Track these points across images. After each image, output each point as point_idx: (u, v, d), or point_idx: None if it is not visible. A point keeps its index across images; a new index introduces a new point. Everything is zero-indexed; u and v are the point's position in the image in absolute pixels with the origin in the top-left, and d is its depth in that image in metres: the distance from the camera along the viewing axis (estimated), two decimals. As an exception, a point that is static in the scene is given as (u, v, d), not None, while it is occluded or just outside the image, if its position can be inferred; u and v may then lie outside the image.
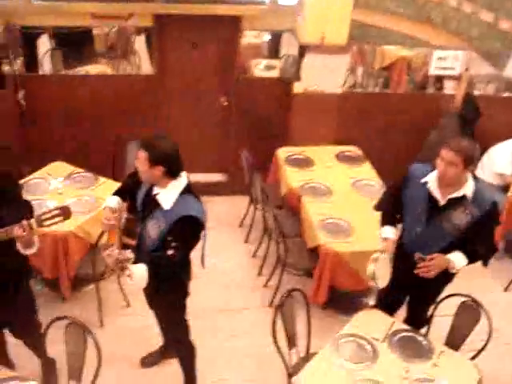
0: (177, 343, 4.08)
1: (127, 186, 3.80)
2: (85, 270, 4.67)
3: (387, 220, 3.92)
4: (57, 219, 3.34)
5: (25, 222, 3.26)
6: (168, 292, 3.67)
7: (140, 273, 3.27)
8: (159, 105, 6.00)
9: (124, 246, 3.52)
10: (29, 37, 5.65)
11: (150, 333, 4.34)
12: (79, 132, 5.90)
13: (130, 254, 3.26)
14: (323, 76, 5.81)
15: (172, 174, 3.43)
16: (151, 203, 3.53)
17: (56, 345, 3.68)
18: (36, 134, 5.84)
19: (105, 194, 4.82)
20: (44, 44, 5.74)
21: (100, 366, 3.40)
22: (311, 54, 5.71)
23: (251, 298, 5.20)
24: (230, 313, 5.02)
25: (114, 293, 4.92)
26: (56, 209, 3.35)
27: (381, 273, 3.74)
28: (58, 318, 3.54)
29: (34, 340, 3.92)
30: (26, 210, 3.46)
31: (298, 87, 5.87)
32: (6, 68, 5.49)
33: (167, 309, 3.86)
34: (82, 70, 5.86)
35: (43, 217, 3.31)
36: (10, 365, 3.93)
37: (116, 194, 3.81)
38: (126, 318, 4.81)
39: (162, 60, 5.86)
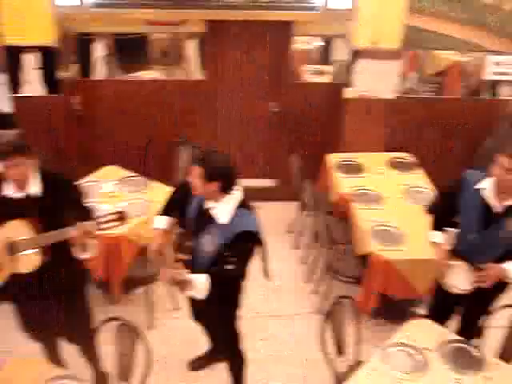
0: (228, 352, 4.06)
1: (176, 200, 3.78)
2: (135, 272, 4.73)
3: (437, 224, 3.85)
4: (113, 223, 3.41)
5: (81, 225, 3.32)
6: (221, 305, 3.63)
7: (201, 285, 3.27)
8: (210, 110, 6.05)
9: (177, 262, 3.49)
10: (85, 43, 5.77)
11: (198, 335, 4.36)
12: (132, 136, 6.00)
13: (192, 278, 3.25)
14: (375, 81, 5.75)
15: (227, 189, 3.39)
16: (205, 217, 3.48)
17: (107, 346, 3.75)
18: (90, 137, 5.97)
19: (156, 197, 4.89)
20: (99, 50, 5.85)
21: (149, 367, 3.43)
22: (363, 59, 5.65)
23: (300, 304, 5.17)
24: (278, 319, 5.01)
25: (164, 296, 4.96)
26: (113, 213, 3.42)
27: (454, 279, 3.69)
28: (109, 319, 3.59)
29: (89, 346, 3.97)
30: (85, 213, 3.50)
31: (349, 93, 5.83)
32: (62, 73, 5.61)
33: (220, 321, 3.85)
34: (135, 75, 5.95)
35: (100, 220, 3.38)
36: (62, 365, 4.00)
37: (165, 209, 3.80)
38: (175, 321, 4.85)
39: (213, 66, 5.91)
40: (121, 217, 3.43)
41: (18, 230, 3.35)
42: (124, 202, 4.85)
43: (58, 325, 3.82)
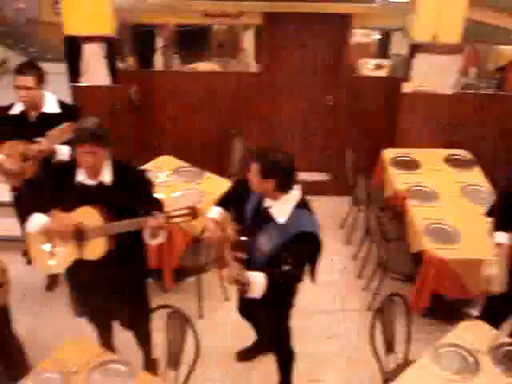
0: (277, 349, 4.04)
1: (234, 195, 3.74)
2: (187, 261, 4.79)
3: (501, 224, 3.74)
4: (185, 218, 3.43)
5: (160, 215, 3.35)
6: (275, 305, 3.60)
7: (258, 285, 3.21)
8: (266, 102, 6.05)
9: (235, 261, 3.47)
10: (143, 34, 5.85)
11: (247, 326, 4.38)
12: (188, 127, 6.06)
13: (249, 275, 3.18)
14: (434, 76, 5.63)
15: (283, 188, 3.33)
16: (263, 216, 3.44)
17: (157, 332, 3.82)
18: (146, 128, 6.06)
19: (210, 188, 4.94)
20: (157, 41, 5.93)
21: (198, 356, 3.47)
22: (422, 54, 5.54)
23: (350, 300, 5.13)
24: (328, 314, 4.99)
25: (215, 285, 5.01)
26: (186, 208, 3.43)
27: (496, 278, 3.60)
28: (161, 307, 3.65)
29: (144, 332, 4.06)
30: (155, 204, 3.54)
31: (407, 87, 5.73)
32: (120, 64, 5.71)
33: (272, 320, 3.83)
34: (192, 66, 6.00)
35: (173, 213, 3.41)
36: (113, 350, 4.09)
37: (221, 202, 3.76)
38: (225, 312, 4.89)
39: (270, 58, 5.90)
40: (193, 213, 3.43)
41: (88, 216, 3.41)
42: (178, 192, 4.91)
43: (116, 311, 3.91)
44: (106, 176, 3.46)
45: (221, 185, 4.94)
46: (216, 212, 3.69)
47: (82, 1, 5.30)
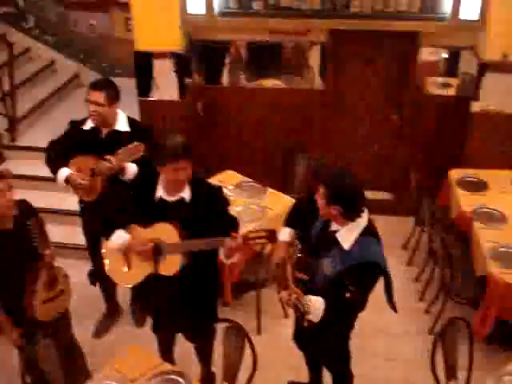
0: (337, 372, 3.98)
1: (300, 214, 3.67)
2: (247, 276, 4.81)
3: None
4: (261, 240, 3.43)
5: (237, 235, 3.39)
6: (335, 328, 3.56)
7: (318, 310, 3.19)
8: (330, 119, 6.04)
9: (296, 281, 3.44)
10: (210, 50, 5.95)
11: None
12: (252, 142, 6.11)
13: (309, 301, 3.16)
14: (504, 96, 5.49)
15: (349, 216, 3.27)
16: (328, 238, 3.37)
17: (215, 346, 3.85)
18: (211, 142, 6.14)
19: (272, 204, 4.96)
20: (225, 57, 6.02)
21: (255, 371, 3.48)
22: (492, 73, 5.42)
23: (410, 323, 5.02)
24: (388, 336, 4.89)
25: (274, 301, 4.98)
26: (263, 230, 3.44)
27: None
28: (219, 320, 3.68)
29: (207, 346, 4.09)
30: (233, 224, 3.59)
31: (476, 106, 5.60)
32: (188, 79, 5.82)
33: (332, 342, 3.77)
34: (257, 83, 6.06)
35: (250, 235, 3.42)
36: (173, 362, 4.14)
37: (288, 220, 3.72)
38: (284, 328, 4.86)
39: (335, 75, 5.90)
40: (271, 236, 3.42)
41: (165, 232, 3.47)
42: (239, 206, 4.94)
43: (184, 324, 3.95)
44: (186, 193, 3.51)
45: (283, 201, 4.95)
46: (287, 233, 3.65)
47: (153, 17, 5.45)
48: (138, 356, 3.61)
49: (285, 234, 3.65)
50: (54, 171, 4.31)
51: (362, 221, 3.32)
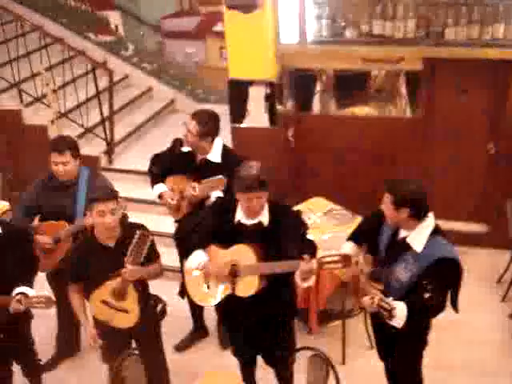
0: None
1: (367, 227, 3.78)
2: (333, 305, 4.76)
3: None
4: (336, 265, 3.43)
5: (312, 260, 3.39)
6: (409, 340, 3.54)
7: (401, 312, 3.23)
8: (421, 148, 5.92)
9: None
10: (302, 78, 6.00)
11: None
12: (342, 169, 6.08)
13: (391, 301, 3.23)
14: None
15: (418, 216, 3.37)
16: (399, 246, 3.47)
17: (298, 374, 3.82)
18: (301, 168, 6.16)
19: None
20: (316, 85, 6.05)
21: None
22: None
23: (504, 362, 4.78)
24: (481, 375, 4.66)
25: (359, 332, 4.91)
26: (338, 255, 3.44)
27: None
28: (304, 348, 3.65)
29: (286, 371, 4.08)
30: (310, 248, 3.60)
31: None
32: (279, 107, 5.90)
33: (404, 357, 3.73)
34: (349, 111, 6.05)
35: (325, 259, 3.42)
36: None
37: (353, 235, 3.81)
38: (368, 360, 4.75)
39: (428, 103, 5.79)
40: (346, 261, 3.41)
41: (243, 254, 3.53)
42: (328, 234, 4.91)
43: (263, 347, 3.99)
44: (265, 217, 3.58)
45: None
46: (348, 247, 3.73)
47: (246, 47, 5.57)
48: (222, 379, 3.65)
49: (345, 247, 3.74)
50: (152, 184, 4.63)
51: (430, 222, 3.41)
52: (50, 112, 6.83)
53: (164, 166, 4.61)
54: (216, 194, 4.35)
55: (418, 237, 3.40)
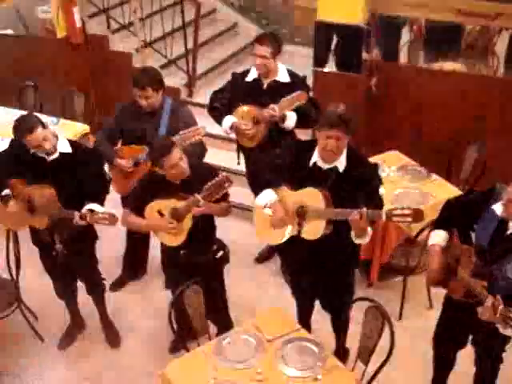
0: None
1: (460, 217, 3.42)
2: (397, 260, 4.71)
3: None
4: (405, 219, 3.36)
5: (362, 210, 3.35)
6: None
7: None
8: (510, 110, 5.66)
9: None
10: (391, 26, 5.81)
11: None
12: (422, 125, 5.90)
13: None
14: None
15: None
16: (508, 241, 3.18)
17: (354, 324, 3.84)
18: (380, 120, 6.03)
19: (435, 191, 4.78)
20: (406, 35, 5.85)
21: (390, 356, 3.42)
22: None
23: None
24: None
25: (420, 290, 4.85)
26: (409, 208, 3.36)
27: None
28: (363, 299, 3.65)
29: (343, 318, 4.10)
30: (378, 204, 3.53)
31: None
32: (365, 54, 5.75)
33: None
34: (437, 65, 5.83)
35: (394, 212, 3.36)
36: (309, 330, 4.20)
37: (445, 221, 3.51)
38: (426, 319, 4.70)
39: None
40: (417, 216, 3.33)
41: (312, 198, 3.52)
42: (400, 189, 4.82)
43: (321, 292, 4.04)
44: (341, 163, 3.54)
45: (448, 190, 4.75)
46: (440, 238, 3.47)
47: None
48: (279, 318, 3.71)
49: (439, 237, 3.47)
50: (218, 119, 4.71)
51: None
52: (136, 40, 6.90)
53: (228, 99, 4.69)
54: (292, 115, 4.47)
55: None
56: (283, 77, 4.60)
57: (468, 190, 4.81)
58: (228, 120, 4.63)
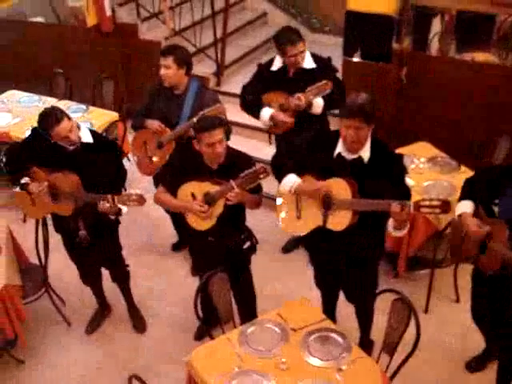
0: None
1: (484, 190, 3.46)
2: (424, 253, 4.67)
3: None
4: (434, 210, 3.34)
5: (403, 202, 3.32)
6: None
7: None
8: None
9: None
10: (423, 16, 5.73)
11: (472, 331, 4.19)
12: (453, 116, 5.83)
13: None
14: None
15: None
16: None
17: (379, 315, 3.82)
18: (409, 111, 5.96)
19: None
20: (437, 25, 5.77)
21: (415, 348, 3.40)
22: None
23: None
24: None
25: (447, 283, 4.82)
26: (437, 199, 3.34)
27: None
28: (389, 290, 3.63)
29: (367, 310, 4.12)
30: (405, 194, 3.51)
31: None
32: (395, 44, 5.68)
33: None
34: (468, 55, 5.73)
35: (422, 203, 3.34)
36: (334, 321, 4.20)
37: (466, 194, 3.57)
38: (452, 312, 4.69)
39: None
40: (445, 207, 3.30)
41: (338, 187, 3.49)
42: (429, 181, 4.76)
43: (345, 282, 4.04)
44: (365, 153, 3.50)
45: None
46: (468, 206, 3.51)
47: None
48: (304, 308, 3.71)
49: (465, 206, 3.51)
50: (254, 112, 4.74)
51: None
52: (165, 29, 6.92)
53: (257, 91, 4.70)
54: (318, 102, 4.51)
55: None
56: (309, 63, 4.60)
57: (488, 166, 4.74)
58: (266, 112, 4.65)
